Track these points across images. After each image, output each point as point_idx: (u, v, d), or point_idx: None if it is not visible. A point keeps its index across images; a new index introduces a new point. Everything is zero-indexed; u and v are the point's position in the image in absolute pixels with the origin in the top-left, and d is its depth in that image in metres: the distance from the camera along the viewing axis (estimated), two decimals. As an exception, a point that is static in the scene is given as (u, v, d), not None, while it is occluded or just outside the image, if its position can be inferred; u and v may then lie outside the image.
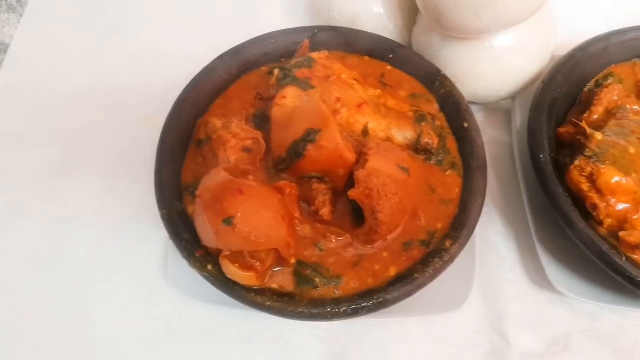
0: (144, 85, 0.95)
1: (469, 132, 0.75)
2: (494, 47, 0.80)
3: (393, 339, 0.75)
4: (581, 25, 0.94)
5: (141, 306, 0.76)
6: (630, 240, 0.68)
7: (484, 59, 0.81)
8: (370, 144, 0.69)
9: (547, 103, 0.78)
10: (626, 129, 0.72)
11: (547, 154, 0.74)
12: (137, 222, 0.82)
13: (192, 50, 0.92)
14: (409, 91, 0.81)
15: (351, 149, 0.69)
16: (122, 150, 0.88)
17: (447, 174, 0.73)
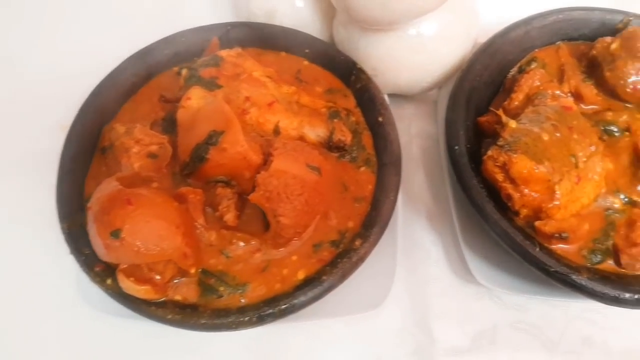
0: (62, 92, 0.91)
1: (384, 126, 0.73)
2: (412, 38, 0.78)
3: (317, 342, 0.73)
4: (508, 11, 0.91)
5: (55, 324, 0.73)
6: (546, 230, 0.67)
7: (403, 50, 0.79)
8: (277, 144, 0.67)
9: (465, 93, 0.76)
10: (542, 116, 0.70)
11: (463, 146, 0.72)
12: (54, 234, 0.79)
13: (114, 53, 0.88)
14: (326, 87, 0.78)
15: (258, 150, 0.67)
16: (37, 159, 0.85)
17: (361, 171, 0.71)
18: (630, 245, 0.67)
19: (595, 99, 0.77)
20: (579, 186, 0.68)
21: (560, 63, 0.81)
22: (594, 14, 0.81)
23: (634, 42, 0.73)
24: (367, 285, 0.71)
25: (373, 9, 0.71)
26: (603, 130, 0.74)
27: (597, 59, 0.77)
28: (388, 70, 0.80)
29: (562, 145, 0.67)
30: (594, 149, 0.69)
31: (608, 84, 0.76)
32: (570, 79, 0.78)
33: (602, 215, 0.70)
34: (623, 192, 0.70)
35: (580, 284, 0.63)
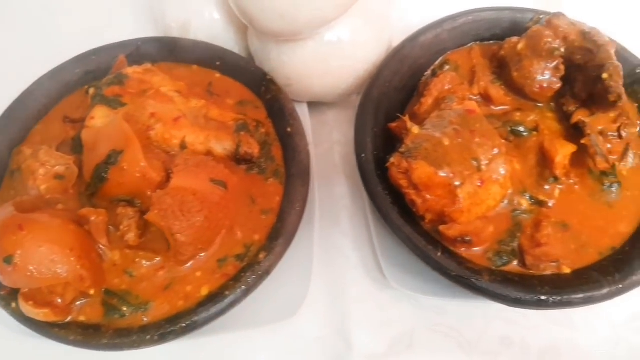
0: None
1: (292, 137, 0.73)
2: (322, 46, 0.78)
3: (234, 354, 0.73)
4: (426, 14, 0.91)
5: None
6: (450, 234, 0.67)
7: (314, 59, 0.79)
8: (178, 160, 0.67)
9: (373, 100, 0.76)
10: (445, 120, 0.70)
11: (370, 153, 0.72)
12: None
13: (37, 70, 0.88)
14: (237, 98, 0.79)
15: (159, 168, 0.67)
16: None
17: (269, 182, 0.72)
18: (534, 245, 0.67)
19: (505, 99, 0.77)
20: (483, 189, 0.68)
21: (472, 65, 0.81)
22: (504, 13, 0.82)
23: (538, 41, 0.74)
24: (282, 295, 0.72)
25: (273, 21, 0.71)
26: (510, 130, 0.74)
27: (505, 59, 0.77)
28: (301, 79, 0.80)
29: (464, 149, 0.68)
30: (496, 152, 0.69)
31: (516, 84, 0.76)
32: (480, 81, 0.78)
33: (509, 216, 0.70)
34: (530, 193, 0.71)
35: (481, 287, 0.64)
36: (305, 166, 0.71)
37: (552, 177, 0.70)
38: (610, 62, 0.68)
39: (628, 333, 0.75)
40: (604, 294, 0.63)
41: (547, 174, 0.71)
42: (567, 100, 0.75)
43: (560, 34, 0.73)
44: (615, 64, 0.68)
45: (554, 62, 0.73)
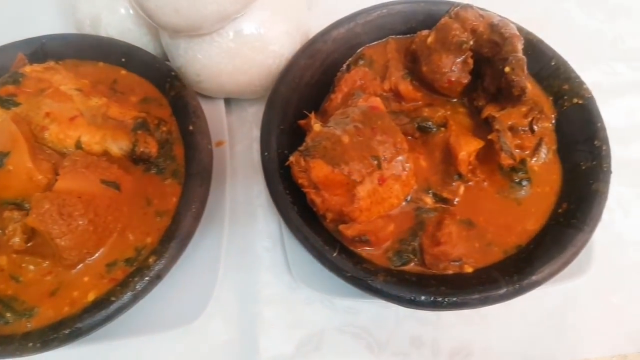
0: None
1: (194, 135, 0.71)
2: (228, 41, 0.76)
3: None
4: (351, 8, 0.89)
5: None
6: (348, 234, 0.66)
7: (221, 55, 0.76)
8: (66, 161, 0.65)
9: (281, 96, 0.74)
10: (348, 117, 0.68)
11: (274, 151, 0.70)
12: None
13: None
14: (141, 96, 0.76)
15: (48, 169, 0.65)
16: None
17: (167, 183, 0.69)
18: (434, 244, 0.65)
19: (415, 95, 0.76)
20: (384, 187, 0.66)
21: (387, 59, 0.79)
22: (420, 6, 0.80)
23: (446, 34, 0.72)
24: (185, 299, 0.70)
25: (170, 16, 0.69)
26: (417, 127, 0.72)
27: (416, 53, 0.75)
28: (212, 76, 0.78)
29: (364, 147, 0.66)
30: (397, 149, 0.67)
31: (426, 78, 0.74)
32: (391, 76, 0.76)
33: (413, 214, 0.69)
34: (434, 190, 0.69)
35: (376, 287, 0.62)
36: (205, 165, 0.69)
37: (456, 175, 0.68)
38: (514, 55, 0.66)
39: (543, 332, 0.74)
40: (501, 294, 0.61)
41: (452, 170, 0.69)
42: (477, 95, 0.73)
43: (468, 26, 0.71)
44: (518, 57, 0.66)
45: (463, 56, 0.71)
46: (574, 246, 0.63)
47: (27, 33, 0.81)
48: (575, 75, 0.74)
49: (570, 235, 0.64)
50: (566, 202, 0.68)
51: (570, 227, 0.65)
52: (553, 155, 0.73)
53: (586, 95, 0.72)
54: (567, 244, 0.63)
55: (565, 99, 0.74)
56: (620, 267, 0.78)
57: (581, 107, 0.72)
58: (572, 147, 0.72)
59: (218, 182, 0.77)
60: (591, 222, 0.64)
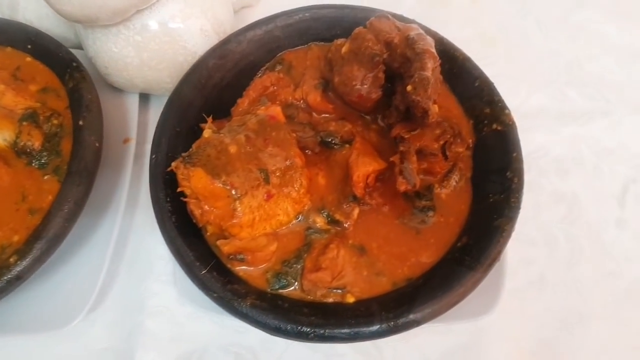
0: None
1: (83, 131, 0.67)
2: (136, 34, 0.72)
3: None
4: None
5: None
6: (225, 250, 0.61)
7: (127, 48, 0.72)
8: None
9: (183, 97, 0.70)
10: (244, 125, 0.64)
11: (164, 154, 0.66)
12: None
13: None
14: (42, 85, 0.73)
15: None
16: None
17: (46, 179, 0.66)
18: (314, 269, 0.61)
19: (326, 106, 0.71)
20: (271, 203, 0.62)
21: (305, 66, 0.74)
22: (345, 12, 0.75)
23: (359, 44, 0.67)
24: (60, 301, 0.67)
25: (63, 4, 0.65)
26: (321, 141, 0.68)
27: (331, 62, 0.70)
28: (118, 69, 0.74)
29: (251, 158, 0.61)
30: (289, 163, 0.62)
31: (337, 90, 0.69)
32: (304, 84, 0.71)
33: (302, 234, 0.64)
34: (328, 210, 0.64)
35: (241, 311, 0.58)
36: (87, 164, 0.65)
37: (352, 196, 0.64)
38: (419, 74, 0.61)
39: (441, 370, 0.69)
40: (373, 331, 0.56)
41: (348, 191, 0.64)
42: (389, 112, 0.68)
43: (382, 38, 0.66)
44: (423, 76, 0.60)
45: (375, 70, 0.66)
46: (462, 286, 0.58)
47: None
48: (498, 99, 0.68)
49: (460, 273, 0.59)
50: (467, 236, 0.63)
51: (463, 264, 0.59)
52: (466, 183, 0.68)
53: (507, 121, 0.67)
54: (455, 283, 0.58)
55: (485, 123, 0.68)
56: (535, 310, 0.72)
57: (499, 134, 0.67)
58: (486, 176, 0.66)
59: (118, 181, 0.74)
60: (485, 261, 0.59)
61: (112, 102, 0.79)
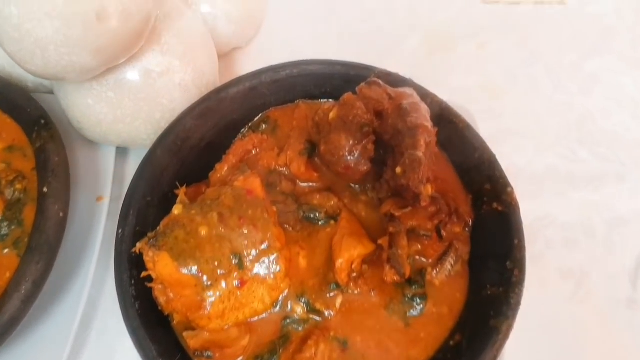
0: None
1: (46, 199, 0.62)
2: (108, 90, 0.66)
3: None
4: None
5: None
6: (192, 345, 0.56)
7: (100, 104, 0.67)
8: None
9: (156, 161, 0.64)
10: (218, 200, 0.58)
11: (132, 228, 0.61)
12: None
13: None
14: (8, 142, 0.68)
15: None
16: None
17: (5, 253, 0.61)
18: (289, 367, 0.55)
19: (311, 175, 0.65)
20: (244, 290, 0.56)
21: (292, 127, 0.68)
22: (335, 69, 0.69)
23: (348, 112, 0.61)
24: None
25: (27, 63, 0.59)
26: (303, 216, 0.62)
27: (319, 127, 0.65)
28: (91, 125, 0.69)
29: (223, 241, 0.56)
30: (266, 246, 0.57)
31: (324, 159, 0.63)
32: (290, 149, 0.66)
33: (279, 325, 0.58)
34: (308, 297, 0.59)
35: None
36: (49, 237, 0.60)
37: (334, 283, 0.58)
38: (410, 153, 0.55)
39: None
40: None
41: (331, 277, 0.58)
42: (380, 185, 0.62)
43: (372, 106, 0.60)
44: (414, 157, 0.54)
45: (364, 140, 0.60)
46: (452, 395, 0.52)
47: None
48: (500, 175, 0.62)
49: (450, 380, 0.53)
50: (460, 333, 0.57)
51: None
52: (462, 267, 0.62)
53: (509, 201, 0.60)
54: (444, 392, 0.52)
55: (485, 200, 0.62)
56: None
57: (500, 215, 0.60)
58: (484, 262, 0.60)
59: (87, 247, 0.68)
60: (479, 368, 0.53)
61: (86, 154, 0.74)
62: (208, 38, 0.73)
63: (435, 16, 0.90)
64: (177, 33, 0.68)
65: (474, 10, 0.90)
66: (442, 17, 0.90)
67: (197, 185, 0.67)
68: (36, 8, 0.54)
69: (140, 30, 0.61)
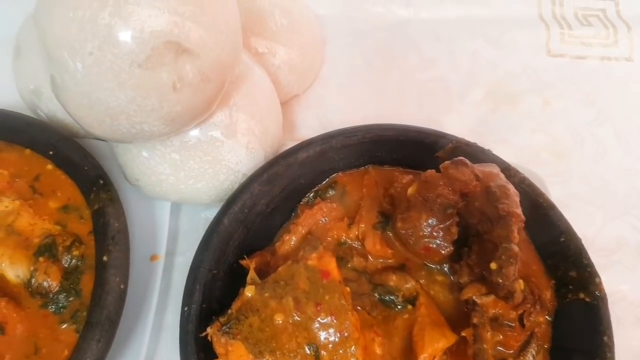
0: None
1: (106, 270, 0.59)
2: (173, 152, 0.63)
3: None
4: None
5: None
6: None
7: (161, 164, 0.64)
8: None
9: (221, 233, 0.61)
10: (292, 282, 0.55)
11: (197, 306, 0.57)
12: None
13: None
14: (63, 202, 0.64)
15: None
16: None
17: (63, 328, 0.57)
18: None
19: (385, 252, 0.61)
20: (320, 382, 0.53)
21: (362, 194, 0.65)
22: (409, 135, 0.65)
23: (430, 190, 0.57)
24: None
25: (93, 128, 0.56)
26: (379, 299, 0.59)
27: (394, 200, 0.61)
28: (151, 183, 0.66)
29: (300, 330, 0.53)
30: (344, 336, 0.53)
31: (400, 236, 0.60)
32: (361, 222, 0.62)
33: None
34: (384, 388, 0.55)
35: None
36: (110, 314, 0.56)
37: (414, 376, 0.55)
38: (505, 247, 0.51)
39: None
40: None
41: (411, 370, 0.55)
42: (461, 269, 0.59)
43: (457, 187, 0.56)
44: (511, 252, 0.51)
45: (447, 222, 0.57)
46: None
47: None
48: (587, 263, 0.58)
49: None
50: None
51: None
52: (544, 357, 0.58)
53: (597, 292, 0.57)
54: None
55: (570, 288, 0.59)
56: None
57: (587, 306, 0.57)
58: (568, 354, 0.57)
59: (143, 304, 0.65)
60: None
61: (140, 209, 0.70)
62: (274, 95, 0.69)
63: (499, 67, 0.86)
64: (246, 93, 0.64)
65: (539, 62, 0.87)
66: (506, 69, 0.86)
67: (262, 253, 0.63)
68: (110, 77, 0.50)
69: (215, 96, 0.58)
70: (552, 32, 0.88)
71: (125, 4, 0.48)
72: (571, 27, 0.89)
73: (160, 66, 0.51)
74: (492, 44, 0.88)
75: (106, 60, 0.49)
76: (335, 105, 0.83)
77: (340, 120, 0.80)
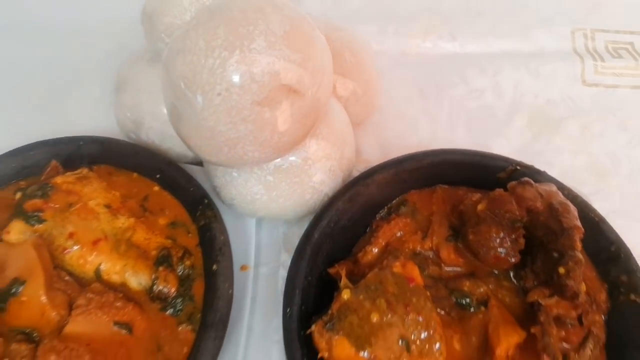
0: None
1: (216, 277, 0.67)
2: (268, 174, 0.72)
3: None
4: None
5: None
6: None
7: (257, 185, 0.73)
8: (81, 300, 0.62)
9: (313, 244, 0.69)
10: (382, 286, 0.63)
11: (297, 307, 0.66)
12: None
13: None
14: (171, 219, 0.73)
15: (62, 304, 0.63)
16: None
17: (181, 329, 0.66)
18: None
19: (457, 261, 0.70)
20: (408, 373, 0.61)
21: (431, 211, 0.74)
22: (475, 159, 0.74)
23: (499, 207, 0.66)
24: None
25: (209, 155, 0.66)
26: (455, 302, 0.67)
27: (464, 216, 0.70)
28: (245, 202, 0.74)
29: (394, 327, 0.61)
30: (430, 333, 0.61)
31: (472, 247, 0.68)
32: (434, 235, 0.71)
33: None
34: (462, 381, 0.63)
35: None
36: (222, 316, 0.65)
37: (490, 368, 0.63)
38: (570, 255, 0.60)
39: None
40: None
41: (487, 362, 0.63)
42: (526, 274, 0.67)
43: (524, 204, 0.65)
44: (576, 258, 0.60)
45: (514, 234, 0.65)
46: None
47: (63, 129, 0.80)
48: (637, 268, 0.67)
49: None
50: (607, 418, 0.61)
51: None
52: (600, 352, 0.66)
53: (646, 294, 0.65)
54: None
55: (621, 291, 0.67)
56: None
57: (638, 306, 0.65)
58: (622, 349, 0.65)
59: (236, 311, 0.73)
60: None
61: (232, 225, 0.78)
62: (349, 124, 0.78)
63: (540, 96, 0.95)
64: (330, 122, 0.74)
65: (576, 92, 0.96)
66: (547, 97, 0.95)
67: (345, 262, 0.72)
68: (234, 113, 0.60)
69: (311, 127, 0.67)
70: (586, 64, 0.98)
71: (249, 53, 0.58)
72: (603, 59, 0.99)
73: (275, 104, 0.60)
74: (532, 75, 0.97)
75: (232, 100, 0.59)
76: (393, 132, 0.92)
77: (398, 146, 0.89)
